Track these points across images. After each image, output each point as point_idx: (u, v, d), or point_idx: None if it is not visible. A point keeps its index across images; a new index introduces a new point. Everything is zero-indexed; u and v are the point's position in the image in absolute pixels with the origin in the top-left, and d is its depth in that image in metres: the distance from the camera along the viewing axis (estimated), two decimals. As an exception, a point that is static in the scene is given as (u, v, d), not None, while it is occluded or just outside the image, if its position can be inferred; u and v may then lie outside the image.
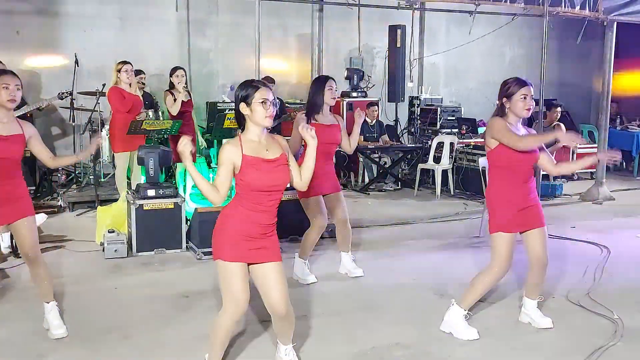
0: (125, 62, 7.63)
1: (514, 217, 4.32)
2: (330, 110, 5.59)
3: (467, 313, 4.50)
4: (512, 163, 4.30)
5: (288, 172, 3.60)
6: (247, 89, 3.50)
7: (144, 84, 9.21)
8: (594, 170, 10.23)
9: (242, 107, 3.50)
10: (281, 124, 9.46)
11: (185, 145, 3.38)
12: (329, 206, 5.58)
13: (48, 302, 4.49)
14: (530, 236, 4.45)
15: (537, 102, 6.02)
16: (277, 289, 3.57)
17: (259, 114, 3.47)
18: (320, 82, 5.51)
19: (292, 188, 4.25)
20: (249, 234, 3.51)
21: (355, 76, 10.97)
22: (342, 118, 5.74)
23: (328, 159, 5.58)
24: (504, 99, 4.32)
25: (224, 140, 3.59)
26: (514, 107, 4.29)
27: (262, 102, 3.46)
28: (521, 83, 4.31)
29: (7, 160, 4.20)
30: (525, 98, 4.26)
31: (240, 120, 3.58)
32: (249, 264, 3.56)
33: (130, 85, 7.61)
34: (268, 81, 8.96)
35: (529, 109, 4.29)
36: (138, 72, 8.42)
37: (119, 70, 7.54)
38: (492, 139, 4.33)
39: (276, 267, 3.59)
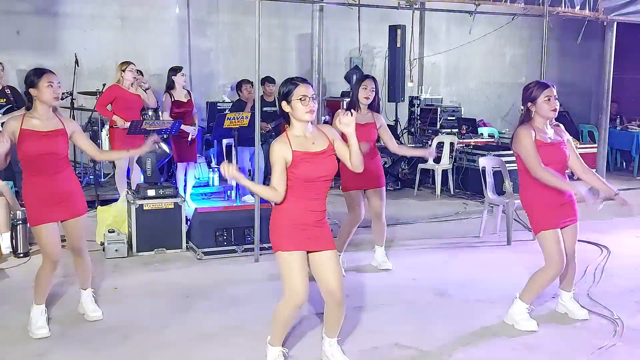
0: (129, 63, 7.62)
1: (555, 214, 4.41)
2: (369, 108, 5.68)
3: (529, 307, 4.62)
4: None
5: (335, 162, 3.75)
6: (287, 86, 3.65)
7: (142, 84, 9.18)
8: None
9: (284, 105, 3.67)
10: (281, 125, 9.43)
11: (231, 170, 3.51)
12: (368, 200, 5.78)
13: (85, 289, 4.73)
14: (566, 231, 4.54)
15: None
16: (334, 276, 3.72)
17: (300, 110, 3.62)
18: (358, 81, 5.67)
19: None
20: (304, 223, 3.65)
21: (354, 76, 10.94)
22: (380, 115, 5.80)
23: (366, 156, 5.61)
24: (529, 104, 4.41)
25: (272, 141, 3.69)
26: (540, 109, 4.38)
27: (301, 98, 3.60)
28: (543, 85, 4.43)
29: (50, 155, 4.24)
30: (549, 99, 4.36)
31: (286, 115, 3.72)
32: (308, 253, 3.70)
33: (132, 85, 7.62)
34: (268, 81, 8.96)
35: (555, 110, 4.39)
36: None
37: (123, 70, 7.53)
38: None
39: (332, 255, 3.76)
